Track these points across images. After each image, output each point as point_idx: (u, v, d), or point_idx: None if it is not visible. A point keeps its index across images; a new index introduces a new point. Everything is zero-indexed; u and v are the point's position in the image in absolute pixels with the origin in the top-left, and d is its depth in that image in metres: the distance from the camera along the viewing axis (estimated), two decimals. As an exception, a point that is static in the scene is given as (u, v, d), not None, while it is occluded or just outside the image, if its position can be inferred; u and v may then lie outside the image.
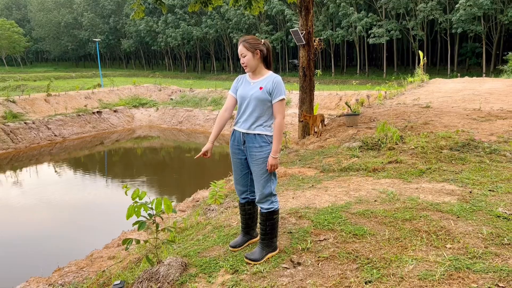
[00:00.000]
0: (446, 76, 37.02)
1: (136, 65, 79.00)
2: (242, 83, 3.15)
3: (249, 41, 3.05)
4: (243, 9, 10.18)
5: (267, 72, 3.11)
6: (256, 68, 3.08)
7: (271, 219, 3.04)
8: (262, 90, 3.00)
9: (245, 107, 3.06)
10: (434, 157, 5.74)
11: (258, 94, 2.99)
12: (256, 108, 3.01)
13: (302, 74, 9.00)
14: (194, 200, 8.65)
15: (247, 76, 3.16)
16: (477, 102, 10.72)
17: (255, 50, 3.03)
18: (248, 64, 3.05)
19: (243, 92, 3.07)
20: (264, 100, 3.00)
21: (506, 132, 7.04)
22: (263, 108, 3.01)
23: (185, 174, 18.03)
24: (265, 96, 2.99)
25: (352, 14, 44.89)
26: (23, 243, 8.92)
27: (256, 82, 3.06)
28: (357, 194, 4.31)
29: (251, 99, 3.01)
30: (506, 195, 4.10)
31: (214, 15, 54.19)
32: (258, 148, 3.01)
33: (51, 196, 13.32)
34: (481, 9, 37.88)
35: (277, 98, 2.99)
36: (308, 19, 8.72)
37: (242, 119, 3.09)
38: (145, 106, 28.95)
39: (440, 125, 7.92)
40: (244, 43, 3.05)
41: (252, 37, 3.10)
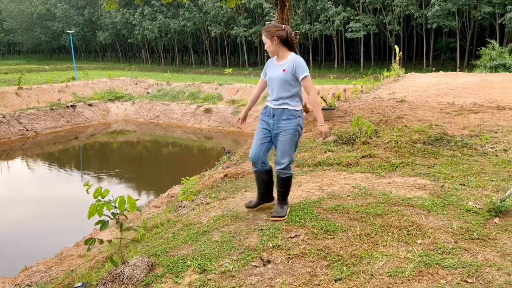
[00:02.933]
0: (422, 71, 37.55)
1: (112, 58, 77.52)
2: (270, 66, 3.62)
3: (267, 29, 3.50)
4: (220, 2, 10.01)
5: (289, 54, 3.52)
6: (278, 52, 3.51)
7: (289, 184, 3.62)
8: (285, 72, 3.44)
9: (273, 86, 3.53)
10: (407, 151, 5.76)
11: (282, 75, 3.45)
12: (282, 87, 3.46)
13: (278, 68, 8.93)
14: (169, 196, 8.52)
15: (274, 59, 3.60)
16: (450, 96, 10.86)
17: (273, 37, 3.45)
18: (269, 50, 3.52)
19: (271, 74, 3.56)
20: (288, 80, 3.44)
21: (477, 126, 7.14)
22: (287, 87, 3.46)
23: (163, 169, 17.80)
24: (289, 76, 3.44)
25: (330, 8, 45.04)
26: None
27: (280, 65, 3.50)
28: (330, 189, 4.27)
29: (276, 80, 3.48)
30: (476, 189, 4.12)
31: (192, 7, 53.56)
32: (285, 120, 3.46)
33: (22, 193, 12.95)
34: (455, 4, 38.55)
35: (301, 76, 3.43)
36: (284, 12, 8.64)
37: (272, 97, 3.56)
38: (121, 99, 28.43)
39: (414, 119, 7.98)
40: (264, 32, 3.51)
41: (272, 25, 3.56)
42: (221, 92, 27.07)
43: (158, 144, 23.02)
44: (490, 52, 24.26)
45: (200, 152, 20.93)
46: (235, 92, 26.70)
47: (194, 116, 25.53)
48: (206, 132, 24.38)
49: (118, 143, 23.20)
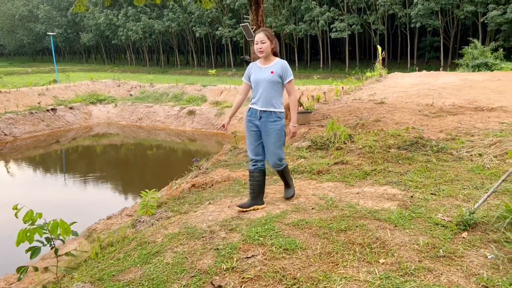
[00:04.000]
0: (407, 70, 37.70)
1: (97, 59, 76.67)
2: (253, 70, 3.78)
3: (269, 31, 3.75)
4: (195, 3, 9.77)
5: (275, 58, 3.75)
6: (268, 55, 3.69)
7: (285, 173, 4.03)
8: (274, 74, 3.64)
9: (259, 88, 3.68)
10: (381, 157, 5.60)
11: (270, 77, 3.64)
12: (270, 89, 3.65)
13: (254, 71, 8.73)
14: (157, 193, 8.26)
15: (258, 63, 3.78)
16: (430, 97, 10.77)
17: (273, 40, 3.69)
18: (265, 50, 3.65)
19: (257, 76, 3.70)
20: (275, 82, 3.66)
21: (454, 129, 7.02)
22: (275, 89, 3.67)
23: (145, 173, 17.48)
24: (276, 78, 3.65)
25: (314, 8, 45.00)
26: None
27: (266, 67, 3.68)
28: (296, 201, 4.08)
29: (264, 82, 3.65)
30: (447, 198, 3.96)
31: (176, 8, 53.12)
32: (272, 122, 3.68)
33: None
34: (438, 4, 38.77)
35: (287, 79, 3.69)
36: (259, 13, 8.44)
37: (258, 99, 3.70)
38: (103, 102, 27.99)
39: (391, 122, 7.84)
40: (266, 32, 3.70)
41: (268, 29, 3.85)
42: (205, 94, 26.79)
43: (141, 147, 22.66)
44: (472, 51, 24.37)
45: (183, 155, 20.62)
46: (219, 93, 26.45)
47: (177, 118, 25.21)
48: (189, 135, 24.08)
49: (100, 146, 22.78)
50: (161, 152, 21.48)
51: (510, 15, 34.81)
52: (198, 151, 21.30)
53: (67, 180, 15.75)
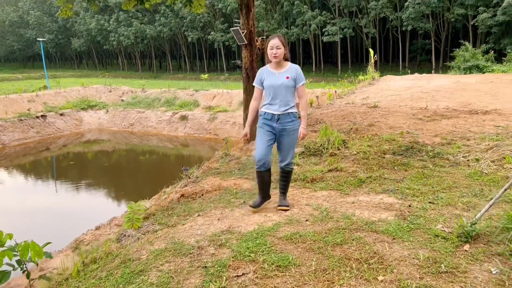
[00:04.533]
0: (399, 73, 37.77)
1: (89, 65, 76.20)
2: (266, 75, 3.88)
3: (283, 38, 3.87)
4: (185, 8, 9.61)
5: (287, 63, 3.90)
6: (281, 60, 3.83)
7: (290, 176, 4.08)
8: (289, 79, 3.79)
9: (275, 93, 3.80)
10: (376, 163, 5.45)
11: (286, 82, 3.79)
12: (288, 93, 3.80)
13: (245, 76, 8.56)
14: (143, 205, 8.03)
15: (268, 68, 3.90)
16: (424, 101, 10.66)
17: (286, 46, 3.85)
18: (279, 56, 3.79)
19: (271, 82, 3.81)
20: (291, 86, 3.82)
21: (450, 133, 6.89)
22: (290, 92, 3.83)
23: (138, 179, 17.22)
24: (292, 83, 3.81)
25: (306, 12, 45.04)
26: None
27: (281, 73, 3.82)
28: (289, 212, 3.90)
29: (281, 87, 3.78)
30: (446, 207, 3.81)
31: (167, 13, 52.94)
32: (290, 123, 3.84)
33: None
34: (429, 7, 38.95)
35: (300, 83, 3.86)
36: (249, 17, 8.29)
37: (275, 103, 3.81)
38: (94, 108, 27.70)
39: (385, 127, 7.70)
40: (280, 38, 3.83)
41: (282, 36, 4.00)
42: (197, 98, 26.59)
43: (132, 153, 22.40)
44: (463, 53, 24.41)
45: (176, 160, 20.38)
46: (212, 98, 26.27)
47: (169, 123, 24.98)
48: (182, 140, 23.86)
49: (92, 153, 22.49)
50: (153, 157, 21.23)
51: (500, 17, 35.02)
52: (191, 156, 21.10)
53: (57, 188, 15.48)
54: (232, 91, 25.01)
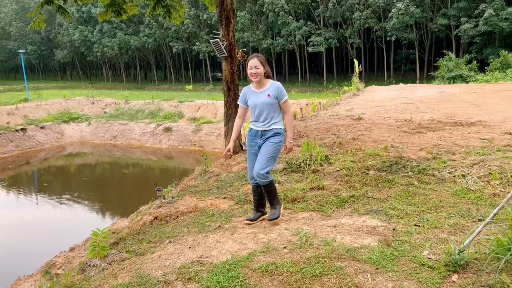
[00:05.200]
0: (384, 83, 38.04)
1: (73, 76, 75.28)
2: (249, 94, 4.03)
3: (262, 57, 3.98)
4: (164, 19, 9.38)
5: (268, 81, 3.99)
6: (261, 79, 3.92)
7: (272, 188, 4.00)
8: (271, 96, 3.89)
9: (259, 111, 3.93)
10: (359, 180, 5.23)
11: (268, 100, 3.89)
12: (269, 111, 3.91)
13: (226, 89, 8.33)
14: (110, 232, 7.68)
15: (252, 87, 4.03)
16: (408, 112, 10.56)
17: (265, 65, 3.93)
18: (259, 75, 3.89)
19: (254, 101, 3.95)
20: (273, 103, 3.90)
21: (435, 147, 6.72)
22: (273, 109, 3.92)
23: (119, 194, 16.79)
24: (274, 100, 3.90)
25: (291, 23, 45.21)
26: None
27: (262, 91, 3.94)
28: (266, 238, 3.64)
29: (263, 105, 3.89)
30: (433, 230, 3.59)
31: (152, 24, 52.67)
32: (272, 137, 3.92)
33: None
34: (412, 17, 39.38)
35: (282, 99, 3.94)
36: (230, 29, 8.08)
37: (259, 120, 3.95)
38: (76, 121, 27.17)
39: (369, 140, 7.52)
40: (259, 58, 3.93)
41: (262, 55, 4.05)
42: (182, 110, 26.28)
43: (115, 166, 21.94)
44: (447, 63, 24.63)
45: (161, 174, 20.00)
46: (197, 109, 25.99)
47: (153, 135, 24.59)
48: (166, 152, 23.47)
49: (73, 166, 21.98)
50: (136, 170, 20.81)
51: (482, 28, 35.55)
52: (176, 169, 20.74)
53: (35, 203, 14.98)
54: (217, 102, 24.77)
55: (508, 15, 34.35)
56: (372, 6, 42.47)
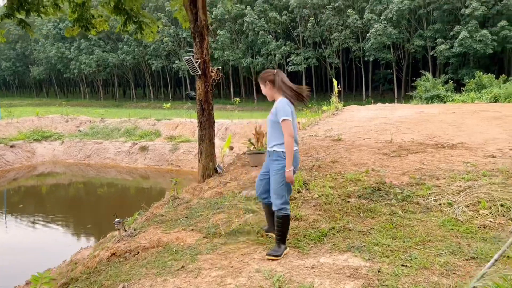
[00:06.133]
0: (362, 102, 38.26)
1: (50, 93, 73.79)
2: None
3: (261, 76, 3.83)
4: (134, 35, 8.96)
5: (279, 97, 3.72)
6: (273, 96, 3.76)
7: (285, 223, 3.68)
8: (272, 114, 3.69)
9: (268, 130, 3.80)
10: (339, 209, 4.83)
11: (271, 118, 3.70)
12: (271, 130, 3.72)
13: (199, 108, 7.90)
14: (72, 263, 7.08)
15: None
16: (388, 133, 10.31)
17: (265, 81, 3.76)
18: (265, 93, 3.84)
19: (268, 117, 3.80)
20: (274, 122, 3.66)
21: (418, 171, 6.40)
22: (274, 129, 3.68)
23: (90, 216, 15.98)
24: (274, 118, 3.65)
25: (271, 42, 45.40)
26: None
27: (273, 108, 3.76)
28: (234, 284, 3.18)
29: (268, 123, 3.76)
30: (422, 271, 3.19)
31: (131, 41, 52.21)
32: (274, 161, 3.68)
33: None
34: (389, 38, 40.01)
35: (280, 118, 3.57)
36: (203, 46, 7.70)
37: (268, 139, 3.80)
38: (49, 139, 26.22)
39: (349, 163, 7.16)
40: (259, 78, 3.84)
41: (266, 71, 3.86)
42: (159, 128, 25.70)
43: (89, 186, 21.09)
44: (424, 83, 24.84)
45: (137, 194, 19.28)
46: (175, 127, 25.45)
47: (128, 154, 23.87)
48: (142, 172, 22.76)
49: (44, 186, 21.05)
50: (111, 191, 20.03)
51: (457, 49, 36.29)
52: (152, 189, 20.07)
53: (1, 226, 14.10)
54: (195, 120, 24.20)
55: (482, 37, 35.21)
56: (351, 26, 43.06)
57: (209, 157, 7.77)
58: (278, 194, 3.64)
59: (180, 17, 8.52)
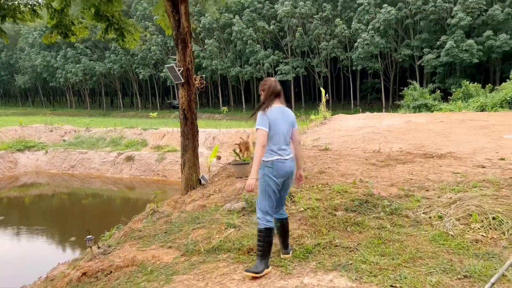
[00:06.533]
0: (350, 111, 38.30)
1: (36, 102, 72.76)
2: None
3: (262, 82, 3.83)
4: (116, 42, 8.71)
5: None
6: (270, 105, 3.64)
7: (261, 238, 3.48)
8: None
9: None
10: (326, 223, 4.61)
11: None
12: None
13: (182, 117, 7.65)
14: (48, 279, 6.72)
15: None
16: (376, 142, 10.16)
17: (260, 91, 3.80)
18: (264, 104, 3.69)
19: None
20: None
21: (406, 182, 6.22)
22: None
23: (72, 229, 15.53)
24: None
25: (259, 52, 45.39)
26: None
27: None
28: (210, 309, 2.92)
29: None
30: (413, 293, 2.96)
31: (118, 50, 51.79)
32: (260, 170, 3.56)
33: None
34: (377, 47, 40.25)
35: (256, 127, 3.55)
36: (186, 54, 7.48)
37: None
38: (32, 149, 25.64)
39: (337, 174, 6.96)
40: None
41: (264, 80, 3.88)
42: (145, 138, 25.31)
43: (73, 197, 20.59)
44: (412, 92, 24.88)
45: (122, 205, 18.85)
46: (161, 137, 25.10)
47: (114, 165, 23.42)
48: (127, 182, 22.31)
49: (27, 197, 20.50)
50: (96, 202, 19.56)
51: (443, 58, 36.61)
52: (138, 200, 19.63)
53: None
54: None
55: (468, 47, 35.58)
56: (338, 36, 43.27)
57: (192, 168, 7.51)
58: (257, 204, 3.58)
59: (163, 24, 8.29)
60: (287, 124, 3.70)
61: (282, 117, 3.67)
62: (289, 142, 3.74)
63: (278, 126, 3.59)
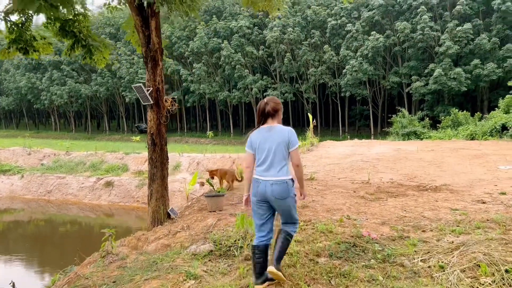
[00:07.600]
0: (339, 137, 37.87)
1: (21, 124, 71.32)
2: None
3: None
4: (83, 60, 7.99)
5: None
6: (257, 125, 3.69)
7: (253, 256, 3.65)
8: None
9: None
10: (306, 273, 3.83)
11: None
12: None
13: (150, 143, 6.87)
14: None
15: None
16: (365, 172, 9.46)
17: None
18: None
19: None
20: None
21: (399, 220, 5.48)
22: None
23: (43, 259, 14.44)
24: None
25: (247, 76, 45.10)
26: None
27: None
28: None
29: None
30: None
31: (105, 72, 51.15)
32: None
33: None
34: (365, 74, 40.19)
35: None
36: (156, 73, 6.78)
37: None
38: (8, 173, 24.54)
39: (321, 209, 6.20)
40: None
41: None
42: (127, 162, 24.37)
43: (48, 225, 19.43)
44: (401, 119, 24.49)
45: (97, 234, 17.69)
46: (143, 161, 24.13)
47: (92, 190, 22.36)
48: (106, 209, 21.23)
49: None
50: (73, 229, 18.42)
51: (432, 86, 36.58)
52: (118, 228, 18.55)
53: None
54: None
55: (456, 75, 35.63)
56: (327, 62, 43.23)
57: (160, 200, 6.69)
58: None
59: (133, 40, 7.62)
60: (274, 143, 3.52)
61: (267, 137, 3.54)
62: (280, 162, 3.53)
63: (260, 146, 3.54)
